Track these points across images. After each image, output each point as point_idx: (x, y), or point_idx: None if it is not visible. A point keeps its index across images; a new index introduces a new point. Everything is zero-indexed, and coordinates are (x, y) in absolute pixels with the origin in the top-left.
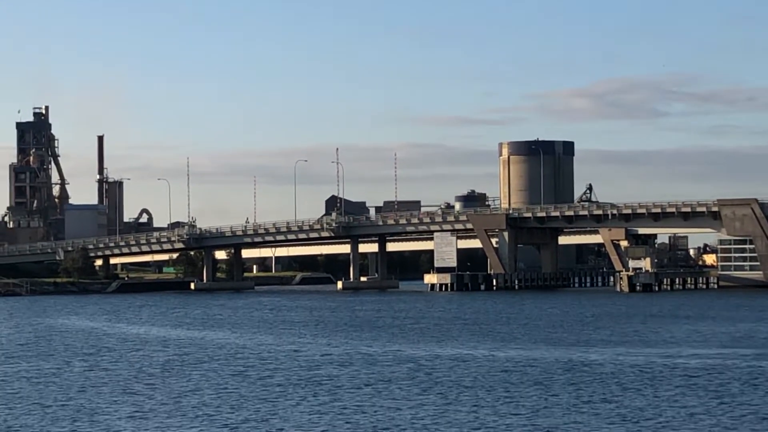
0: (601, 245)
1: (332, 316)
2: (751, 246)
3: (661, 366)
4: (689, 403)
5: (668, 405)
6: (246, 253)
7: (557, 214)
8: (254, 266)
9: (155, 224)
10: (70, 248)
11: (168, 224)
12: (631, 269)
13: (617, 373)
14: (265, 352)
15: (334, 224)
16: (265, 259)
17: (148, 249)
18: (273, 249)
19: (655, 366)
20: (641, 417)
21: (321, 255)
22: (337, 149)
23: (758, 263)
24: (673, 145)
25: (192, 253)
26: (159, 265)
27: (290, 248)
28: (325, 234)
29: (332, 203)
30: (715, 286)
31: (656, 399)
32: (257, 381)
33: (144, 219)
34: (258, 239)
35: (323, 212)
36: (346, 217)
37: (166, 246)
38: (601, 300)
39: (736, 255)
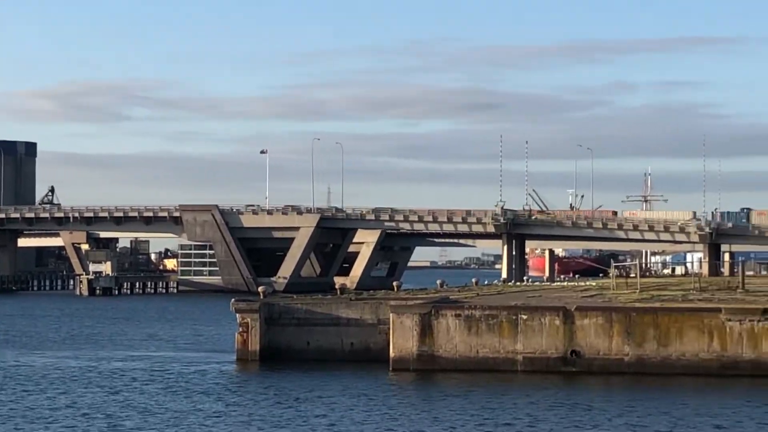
0: (62, 248)
1: None
2: (211, 251)
3: (108, 369)
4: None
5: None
6: None
7: (17, 215)
8: None
9: None
10: None
11: None
12: (91, 273)
13: (52, 377)
14: None
15: None
16: None
17: None
18: None
19: (96, 369)
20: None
21: None
22: None
23: (217, 268)
24: (138, 149)
25: None
26: None
27: None
28: None
29: None
30: (175, 291)
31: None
32: None
33: None
34: None
35: None
36: None
37: None
38: (59, 303)
39: (196, 260)
